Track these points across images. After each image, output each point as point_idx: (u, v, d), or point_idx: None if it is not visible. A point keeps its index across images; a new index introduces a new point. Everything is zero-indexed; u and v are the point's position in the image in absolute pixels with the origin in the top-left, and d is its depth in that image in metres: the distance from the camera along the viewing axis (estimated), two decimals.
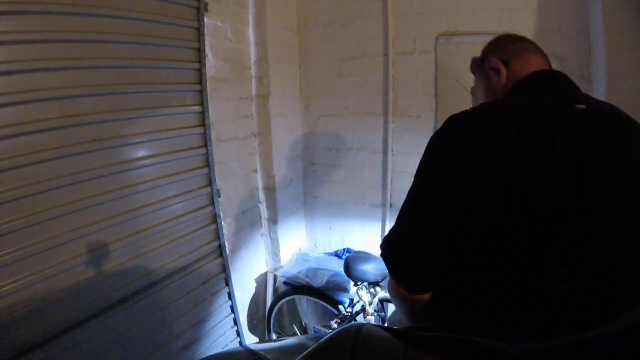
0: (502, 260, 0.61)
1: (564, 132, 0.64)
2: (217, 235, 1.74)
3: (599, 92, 1.55)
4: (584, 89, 0.80)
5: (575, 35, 1.61)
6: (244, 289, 1.97)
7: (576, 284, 0.61)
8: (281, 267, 2.03)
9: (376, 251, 1.28)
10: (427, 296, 0.72)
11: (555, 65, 0.87)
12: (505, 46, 0.87)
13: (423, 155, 0.68)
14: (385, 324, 1.57)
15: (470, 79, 0.97)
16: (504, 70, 0.83)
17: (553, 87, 0.76)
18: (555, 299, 0.61)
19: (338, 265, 1.86)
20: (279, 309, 1.95)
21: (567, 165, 0.62)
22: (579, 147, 0.63)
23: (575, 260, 0.61)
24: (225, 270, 1.79)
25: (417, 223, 0.67)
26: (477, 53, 0.93)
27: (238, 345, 1.90)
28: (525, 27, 1.68)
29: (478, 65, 0.91)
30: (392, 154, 1.94)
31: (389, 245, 0.73)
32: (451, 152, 0.63)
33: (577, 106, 0.68)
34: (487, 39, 0.92)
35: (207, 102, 1.61)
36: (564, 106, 0.68)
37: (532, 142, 0.61)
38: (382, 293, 1.61)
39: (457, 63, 1.90)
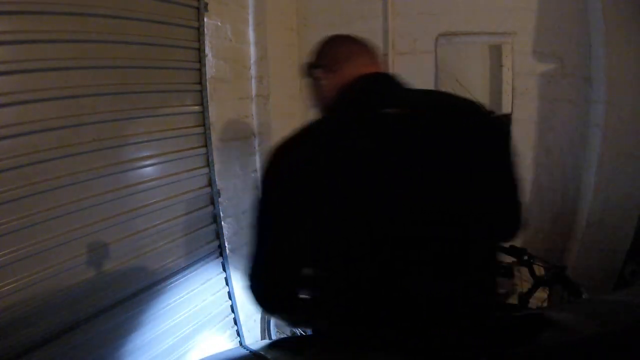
0: (339, 266, 0.65)
1: (378, 137, 0.65)
2: (217, 235, 1.74)
3: (599, 92, 1.55)
4: (584, 89, 0.79)
5: (575, 35, 1.61)
6: (244, 289, 1.97)
7: (407, 283, 0.62)
8: None
9: None
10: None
11: (555, 66, 0.86)
12: (329, 52, 0.85)
13: (264, 190, 0.70)
14: None
15: (469, 80, 0.96)
16: (329, 78, 0.81)
17: (374, 90, 0.76)
18: (391, 299, 0.63)
19: None
20: None
21: (385, 170, 0.63)
22: (394, 150, 0.64)
23: (396, 261, 0.62)
24: (225, 270, 1.79)
25: (282, 246, 0.69)
26: (477, 53, 0.92)
27: (238, 345, 1.90)
28: (525, 27, 1.68)
29: (307, 72, 0.88)
30: None
31: (254, 273, 0.74)
32: (291, 179, 0.66)
33: (391, 110, 0.68)
34: (487, 39, 0.91)
35: (207, 102, 1.61)
36: (378, 111, 0.69)
37: (351, 152, 0.64)
38: None
39: (457, 63, 1.90)
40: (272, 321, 1.95)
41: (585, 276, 1.61)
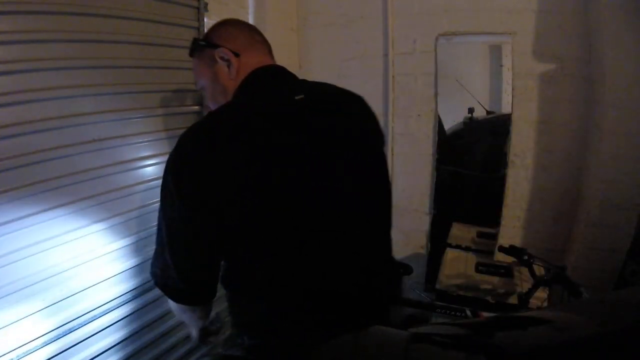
0: (255, 258, 0.66)
1: (287, 125, 0.67)
2: None
3: (599, 92, 1.55)
4: (584, 89, 0.79)
5: (575, 35, 1.61)
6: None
7: (322, 273, 0.65)
8: None
9: None
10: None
11: (555, 66, 0.86)
12: (235, 35, 0.82)
13: (174, 180, 0.66)
14: None
15: (469, 80, 0.96)
16: (235, 62, 0.79)
17: (277, 82, 0.79)
18: (307, 283, 0.64)
19: None
20: None
21: (295, 156, 0.65)
22: (303, 136, 0.66)
23: (309, 249, 0.64)
24: None
25: (191, 240, 0.68)
26: (477, 53, 0.92)
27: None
28: (525, 27, 1.68)
29: (202, 50, 0.84)
30: (393, 154, 1.94)
31: (164, 273, 0.74)
32: (202, 169, 0.63)
33: (296, 97, 0.71)
34: (487, 39, 0.91)
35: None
36: (285, 100, 0.71)
37: (267, 142, 0.64)
38: None
39: (457, 63, 1.90)
40: None
41: (585, 276, 1.61)
